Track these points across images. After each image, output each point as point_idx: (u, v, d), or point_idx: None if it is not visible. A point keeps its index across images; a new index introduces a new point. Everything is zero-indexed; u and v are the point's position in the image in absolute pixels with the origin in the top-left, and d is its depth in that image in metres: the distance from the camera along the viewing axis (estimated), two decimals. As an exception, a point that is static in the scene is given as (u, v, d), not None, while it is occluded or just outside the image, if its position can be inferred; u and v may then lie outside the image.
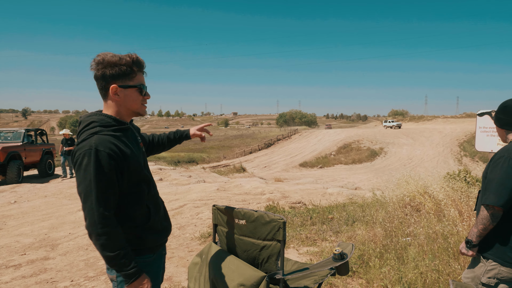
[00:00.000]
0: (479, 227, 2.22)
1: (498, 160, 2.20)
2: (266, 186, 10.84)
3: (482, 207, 2.21)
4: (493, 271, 2.22)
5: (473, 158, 35.55)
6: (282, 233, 2.24)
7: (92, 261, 4.64)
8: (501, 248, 2.20)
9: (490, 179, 2.21)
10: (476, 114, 5.95)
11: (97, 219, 1.56)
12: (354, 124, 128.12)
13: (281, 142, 50.63)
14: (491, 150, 5.76)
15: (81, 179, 1.59)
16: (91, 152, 1.58)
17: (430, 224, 4.87)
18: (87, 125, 1.70)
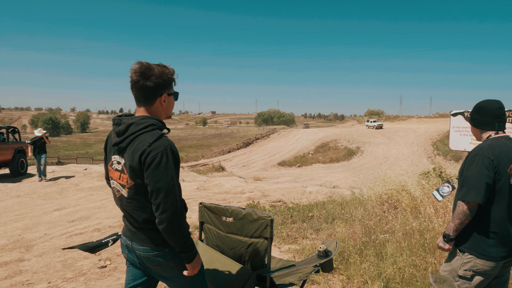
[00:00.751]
0: (456, 221, 2.31)
1: (473, 158, 2.30)
2: (246, 185, 10.85)
3: (459, 202, 2.31)
4: (469, 263, 2.31)
5: (445, 157, 36.65)
6: (270, 230, 2.26)
7: (70, 262, 4.54)
8: (476, 241, 2.30)
9: (466, 176, 2.31)
10: (450, 114, 6.15)
11: (180, 209, 1.78)
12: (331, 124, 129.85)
13: (259, 141, 50.75)
14: (464, 149, 5.97)
15: (161, 175, 1.76)
16: (167, 152, 1.78)
17: (407, 221, 5.00)
18: (145, 127, 1.85)
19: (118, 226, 6.15)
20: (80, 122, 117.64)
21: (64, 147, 57.99)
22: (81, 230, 5.89)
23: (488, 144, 2.32)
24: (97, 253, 4.85)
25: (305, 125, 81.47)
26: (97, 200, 8.40)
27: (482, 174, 2.23)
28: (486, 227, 2.28)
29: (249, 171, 29.39)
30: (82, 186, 10.83)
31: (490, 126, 2.42)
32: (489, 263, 2.28)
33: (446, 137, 43.57)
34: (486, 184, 2.23)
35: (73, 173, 12.95)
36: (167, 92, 1.92)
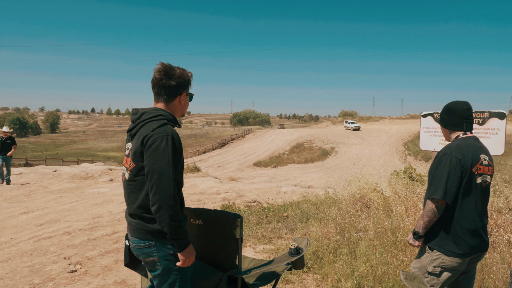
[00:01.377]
0: (425, 219, 2.38)
1: (442, 158, 2.38)
2: (221, 186, 10.81)
3: (428, 200, 2.37)
4: (438, 260, 2.39)
5: (416, 157, 37.73)
6: (239, 231, 2.25)
7: (38, 267, 4.38)
8: (444, 239, 2.38)
9: (434, 175, 2.38)
10: (420, 115, 6.33)
11: (171, 192, 1.86)
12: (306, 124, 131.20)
13: (235, 142, 50.70)
14: (433, 149, 6.15)
15: (158, 158, 1.88)
16: (168, 137, 1.91)
17: (379, 220, 5.10)
18: (155, 116, 2.02)
19: (89, 229, 5.98)
20: (50, 122, 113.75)
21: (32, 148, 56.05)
22: (50, 234, 5.70)
23: (456, 144, 2.40)
24: (67, 257, 4.72)
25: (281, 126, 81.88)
26: (67, 202, 8.15)
27: (450, 173, 2.30)
28: (453, 225, 2.36)
29: (224, 172, 29.29)
30: (51, 188, 10.50)
31: (459, 127, 2.50)
32: (457, 260, 2.35)
33: (417, 138, 44.88)
34: (454, 182, 2.30)
35: (42, 175, 12.53)
36: (185, 92, 2.14)
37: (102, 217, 6.78)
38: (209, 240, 2.38)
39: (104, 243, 5.31)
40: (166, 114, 2.04)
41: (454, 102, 2.55)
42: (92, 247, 5.12)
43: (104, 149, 59.51)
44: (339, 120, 78.46)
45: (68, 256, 4.76)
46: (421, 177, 6.53)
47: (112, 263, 4.51)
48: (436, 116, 6.02)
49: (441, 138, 5.95)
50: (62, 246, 5.15)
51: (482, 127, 5.37)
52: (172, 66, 2.07)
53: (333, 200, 6.60)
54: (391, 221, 5.02)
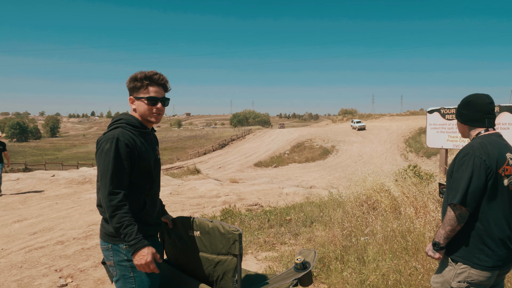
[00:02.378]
0: (447, 228, 2.11)
1: (464, 158, 2.10)
2: (221, 188, 10.55)
3: (449, 207, 2.10)
4: (463, 274, 2.12)
5: (417, 154, 37.45)
6: (238, 246, 2.00)
7: (27, 281, 4.12)
8: (470, 249, 2.10)
9: (456, 178, 2.10)
10: (426, 112, 6.06)
11: (108, 193, 1.85)
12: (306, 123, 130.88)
13: (235, 143, 50.42)
14: (441, 146, 5.88)
15: (101, 161, 1.89)
16: (113, 140, 1.90)
17: (388, 222, 4.84)
18: (116, 120, 2.06)
19: (83, 238, 5.73)
20: (50, 126, 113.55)
21: (32, 153, 55.83)
22: (42, 244, 5.44)
23: (479, 142, 2.13)
24: (58, 270, 4.46)
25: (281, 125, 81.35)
26: (62, 209, 7.89)
27: (473, 175, 2.03)
28: (480, 234, 2.09)
29: (225, 173, 29.02)
30: (47, 194, 10.24)
31: (480, 123, 2.23)
32: (485, 273, 2.08)
33: (418, 134, 44.64)
34: (477, 186, 2.03)
35: (39, 180, 12.27)
36: (134, 96, 2.09)
37: (97, 225, 6.52)
38: (206, 255, 2.12)
39: (99, 252, 5.05)
40: (128, 118, 2.06)
41: (474, 95, 2.27)
42: (86, 258, 4.86)
43: (104, 152, 59.14)
44: (339, 118, 78.17)
45: (60, 268, 4.51)
46: (429, 175, 6.25)
47: (105, 276, 4.25)
48: (443, 112, 5.76)
49: (450, 134, 5.69)
50: (54, 257, 4.89)
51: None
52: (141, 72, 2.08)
53: (338, 202, 6.33)
54: (400, 223, 4.77)
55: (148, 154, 2.06)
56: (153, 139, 2.23)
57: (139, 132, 2.06)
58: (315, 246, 4.80)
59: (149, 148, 2.10)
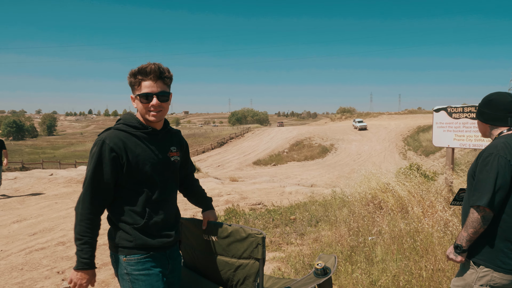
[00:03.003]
0: (469, 230, 2.04)
1: (487, 158, 2.03)
2: (223, 187, 10.47)
3: (472, 209, 2.03)
4: (486, 277, 2.05)
5: (416, 152, 37.48)
6: (261, 250, 1.91)
7: (28, 284, 4.02)
8: (493, 252, 2.04)
9: (480, 179, 2.03)
10: (433, 110, 5.99)
11: (82, 200, 1.75)
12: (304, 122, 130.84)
13: (234, 141, 50.32)
14: (448, 145, 5.81)
15: (87, 164, 1.80)
16: (99, 142, 1.77)
17: (395, 222, 4.77)
18: (117, 121, 1.93)
19: (85, 238, 5.63)
20: (47, 124, 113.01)
21: (29, 151, 55.58)
22: (43, 245, 5.34)
23: (502, 142, 2.05)
24: (60, 271, 4.37)
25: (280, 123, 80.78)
26: (62, 209, 7.79)
27: (498, 176, 1.96)
28: (502, 236, 2.02)
29: (224, 171, 28.94)
30: (46, 193, 10.12)
31: (502, 122, 2.16)
32: (508, 277, 2.01)
33: (416, 133, 44.69)
34: (503, 187, 1.96)
35: (38, 179, 12.15)
36: (134, 94, 1.92)
37: (99, 224, 6.43)
38: (226, 259, 2.04)
39: (101, 253, 4.95)
40: (127, 118, 1.92)
41: (496, 94, 2.20)
42: (88, 259, 4.77)
43: (102, 151, 58.96)
44: (337, 116, 78.10)
45: (62, 270, 4.42)
46: (435, 174, 6.19)
47: (109, 277, 4.16)
48: (450, 111, 5.70)
49: (456, 133, 5.62)
50: (55, 259, 4.79)
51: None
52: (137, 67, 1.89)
53: (343, 201, 6.26)
54: (408, 223, 4.70)
55: (149, 155, 1.85)
56: (166, 139, 1.99)
57: (141, 133, 1.86)
58: (322, 246, 4.72)
59: (153, 150, 1.88)
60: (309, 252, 4.53)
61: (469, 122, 5.31)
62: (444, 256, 3.78)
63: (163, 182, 1.91)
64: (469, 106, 5.28)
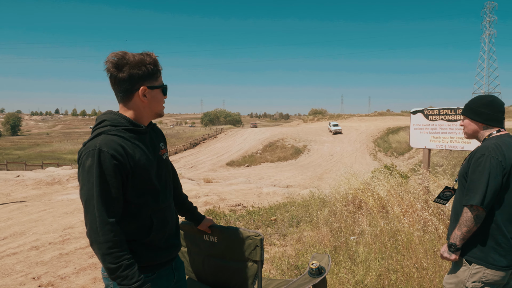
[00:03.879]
0: (463, 229, 2.10)
1: (480, 159, 2.10)
2: (200, 188, 10.37)
3: (466, 208, 2.10)
4: (478, 274, 2.12)
5: (386, 153, 38.50)
6: (260, 252, 1.89)
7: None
8: (485, 250, 2.11)
9: (473, 180, 2.10)
10: (410, 112, 6.15)
11: (99, 226, 1.46)
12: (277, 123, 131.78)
13: (207, 142, 49.97)
14: (424, 147, 5.98)
15: (84, 182, 1.49)
16: (95, 152, 1.49)
17: (376, 222, 4.87)
18: (98, 123, 1.63)
19: (60, 242, 5.42)
20: (10, 124, 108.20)
21: (-9, 152, 53.02)
22: (15, 250, 5.10)
23: (493, 143, 2.13)
24: (36, 277, 4.18)
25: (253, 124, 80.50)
26: (33, 212, 7.47)
27: (490, 176, 2.04)
28: (494, 234, 2.10)
29: (197, 172, 28.68)
30: (14, 196, 9.69)
31: (499, 123, 2.26)
32: (500, 273, 2.09)
33: (386, 135, 45.93)
34: (495, 187, 2.04)
35: (4, 181, 11.60)
36: (147, 85, 1.63)
37: (74, 228, 6.21)
38: (222, 262, 2.00)
39: (79, 258, 4.79)
40: (112, 118, 1.62)
41: (492, 96, 2.30)
42: (65, 264, 4.59)
43: (70, 152, 57.12)
44: (310, 118, 79.14)
45: (38, 275, 4.22)
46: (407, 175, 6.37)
47: (89, 283, 4.02)
48: (427, 113, 5.86)
49: (432, 135, 5.79)
50: (30, 264, 4.59)
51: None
52: (125, 53, 1.59)
53: (323, 202, 6.33)
54: (388, 222, 4.80)
55: (147, 159, 1.63)
56: (154, 136, 1.78)
57: (133, 134, 1.62)
58: (305, 246, 4.75)
59: (148, 151, 1.66)
60: (293, 253, 4.55)
61: (444, 124, 5.48)
62: (424, 255, 3.90)
63: (163, 186, 1.73)
64: (445, 109, 5.45)
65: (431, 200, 5.21)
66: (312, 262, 2.25)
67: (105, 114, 1.65)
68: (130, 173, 1.55)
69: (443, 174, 5.75)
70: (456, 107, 5.29)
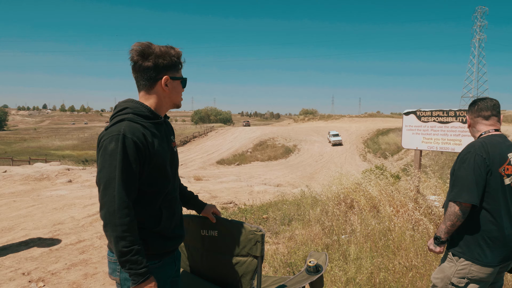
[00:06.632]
0: (447, 223, 2.18)
1: (466, 156, 2.18)
2: (190, 186, 10.32)
3: (450, 203, 2.17)
4: (464, 270, 2.18)
5: (375, 154, 38.86)
6: (260, 247, 1.91)
7: None
8: (471, 245, 2.17)
9: (458, 176, 2.18)
10: (403, 114, 6.22)
11: (117, 207, 1.50)
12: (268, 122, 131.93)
13: (197, 140, 49.84)
14: (416, 147, 6.06)
15: (104, 164, 1.53)
16: (119, 137, 1.53)
17: (368, 221, 4.92)
18: (120, 110, 1.67)
19: (50, 238, 5.35)
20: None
21: (-23, 147, 52.08)
22: (4, 245, 5.02)
23: (480, 142, 2.22)
24: (26, 273, 4.13)
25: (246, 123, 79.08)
26: (21, 207, 7.36)
27: (475, 172, 2.10)
28: (480, 231, 2.16)
29: (187, 170, 28.59)
30: (2, 191, 9.53)
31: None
32: (485, 270, 2.14)
33: (376, 136, 46.34)
34: (478, 183, 2.11)
35: (-10, 176, 11.41)
36: (170, 75, 1.71)
37: (64, 224, 6.14)
38: (221, 257, 2.01)
39: (69, 254, 4.74)
40: (135, 106, 1.67)
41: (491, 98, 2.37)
42: (55, 259, 4.54)
43: (59, 148, 56.45)
44: (300, 118, 79.46)
45: (28, 271, 4.17)
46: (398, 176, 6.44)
47: (80, 278, 3.99)
48: (419, 114, 5.93)
49: (424, 136, 5.87)
50: (19, 259, 4.52)
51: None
52: (150, 44, 1.67)
53: (315, 200, 6.37)
54: (379, 221, 4.86)
55: (163, 149, 1.69)
56: (167, 128, 1.83)
57: (152, 123, 1.68)
58: (297, 244, 4.78)
59: (164, 142, 1.72)
60: (285, 250, 4.57)
61: (436, 126, 5.54)
62: (415, 254, 3.95)
63: (174, 177, 1.80)
64: (437, 111, 5.52)
65: (422, 200, 5.29)
66: (310, 260, 2.27)
67: (126, 102, 1.70)
68: (147, 161, 1.61)
69: (432, 175, 5.83)
70: (448, 109, 5.36)
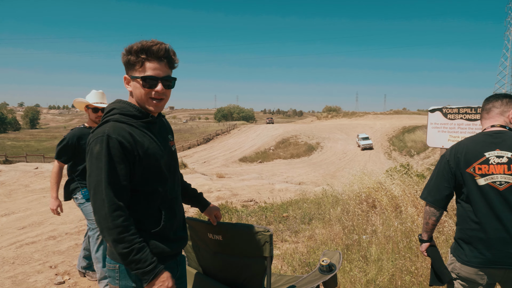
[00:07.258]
0: (423, 221, 2.25)
1: (440, 159, 2.24)
2: (212, 183, 10.42)
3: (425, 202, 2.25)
4: (451, 265, 2.21)
5: (401, 152, 38.03)
6: (269, 248, 1.89)
7: (21, 278, 3.93)
8: (455, 244, 2.21)
9: (429, 177, 2.25)
10: (428, 111, 6.06)
11: (108, 210, 1.45)
12: (290, 120, 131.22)
13: (220, 137, 50.17)
14: (442, 146, 5.89)
15: (92, 168, 1.49)
16: (103, 138, 1.49)
17: (389, 221, 4.83)
18: (108, 111, 1.63)
19: (76, 233, 5.53)
20: (29, 117, 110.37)
21: (11, 145, 54.23)
22: (34, 239, 5.23)
23: (458, 142, 2.21)
24: (53, 266, 4.28)
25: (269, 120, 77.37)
26: (50, 202, 7.64)
27: (438, 175, 2.16)
28: (464, 229, 2.14)
29: (210, 167, 28.85)
30: (33, 187, 9.91)
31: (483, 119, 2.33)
32: (466, 268, 2.10)
33: (401, 133, 45.35)
34: (438, 185, 2.14)
35: (23, 173, 11.87)
36: (130, 75, 1.62)
37: (89, 219, 6.33)
38: (231, 258, 2.01)
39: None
40: (121, 106, 1.62)
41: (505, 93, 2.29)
42: (81, 254, 4.68)
43: (86, 145, 58.00)
44: (323, 115, 78.71)
45: (55, 264, 4.33)
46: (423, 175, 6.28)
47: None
48: (445, 111, 5.75)
49: (451, 134, 5.70)
50: (47, 253, 4.70)
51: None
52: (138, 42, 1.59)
53: (336, 199, 6.30)
54: (402, 222, 4.76)
55: (156, 148, 1.62)
56: (162, 127, 1.77)
57: (140, 122, 1.62)
58: (317, 243, 4.75)
59: (157, 141, 1.65)
60: (305, 250, 4.55)
61: (464, 123, 5.36)
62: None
63: (172, 177, 1.72)
64: (465, 107, 5.33)
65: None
66: (322, 259, 2.26)
67: (114, 103, 1.66)
68: (137, 161, 1.55)
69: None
70: (476, 106, 5.16)
